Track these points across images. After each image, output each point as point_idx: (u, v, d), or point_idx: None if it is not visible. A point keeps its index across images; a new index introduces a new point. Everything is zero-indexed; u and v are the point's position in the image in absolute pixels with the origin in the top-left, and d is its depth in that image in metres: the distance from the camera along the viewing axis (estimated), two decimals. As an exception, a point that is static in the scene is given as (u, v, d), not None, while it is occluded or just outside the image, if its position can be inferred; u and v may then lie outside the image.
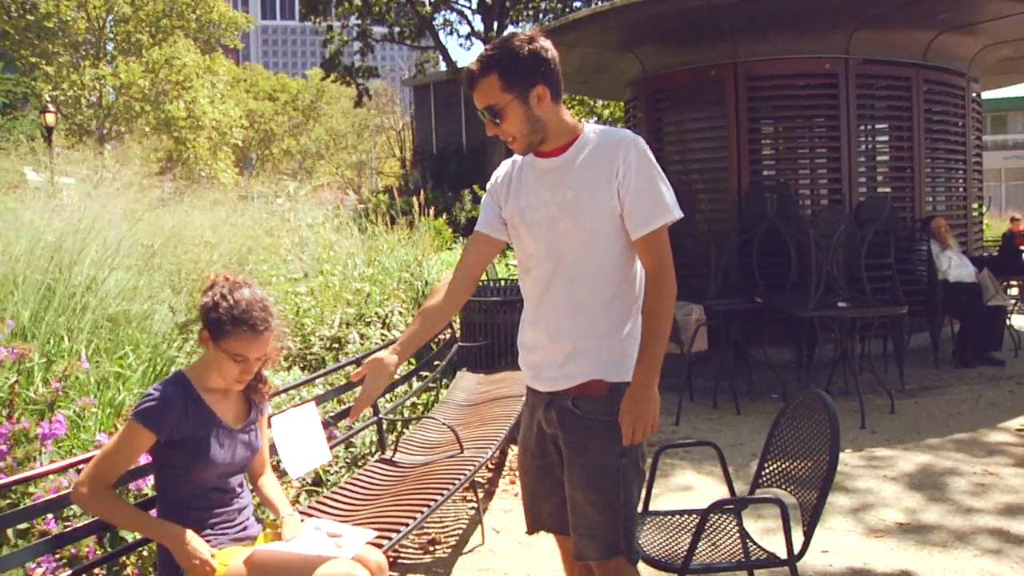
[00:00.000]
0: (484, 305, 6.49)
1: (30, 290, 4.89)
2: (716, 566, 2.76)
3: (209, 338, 2.53)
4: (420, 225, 10.43)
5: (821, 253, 6.86)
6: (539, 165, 2.47)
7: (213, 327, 2.51)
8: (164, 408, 2.45)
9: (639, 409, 2.37)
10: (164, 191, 8.46)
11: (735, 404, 6.47)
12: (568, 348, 2.43)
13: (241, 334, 2.49)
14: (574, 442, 2.44)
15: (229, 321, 2.49)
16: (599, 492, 2.39)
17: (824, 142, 8.24)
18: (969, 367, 7.56)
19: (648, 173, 2.40)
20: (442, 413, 4.95)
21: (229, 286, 2.55)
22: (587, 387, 2.43)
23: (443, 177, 28.23)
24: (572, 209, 2.39)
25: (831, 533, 4.13)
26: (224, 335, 2.50)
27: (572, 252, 2.41)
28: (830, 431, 2.73)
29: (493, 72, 2.34)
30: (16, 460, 3.29)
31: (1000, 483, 4.77)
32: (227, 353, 2.51)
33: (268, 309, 2.56)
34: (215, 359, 2.54)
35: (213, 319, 2.51)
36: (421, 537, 4.17)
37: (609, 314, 2.43)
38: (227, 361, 2.52)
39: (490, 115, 2.37)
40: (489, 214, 2.59)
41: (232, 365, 2.52)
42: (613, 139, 2.43)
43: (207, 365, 2.57)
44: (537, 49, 2.37)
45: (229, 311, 2.50)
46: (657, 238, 2.38)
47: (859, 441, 5.61)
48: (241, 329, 2.49)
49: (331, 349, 6.64)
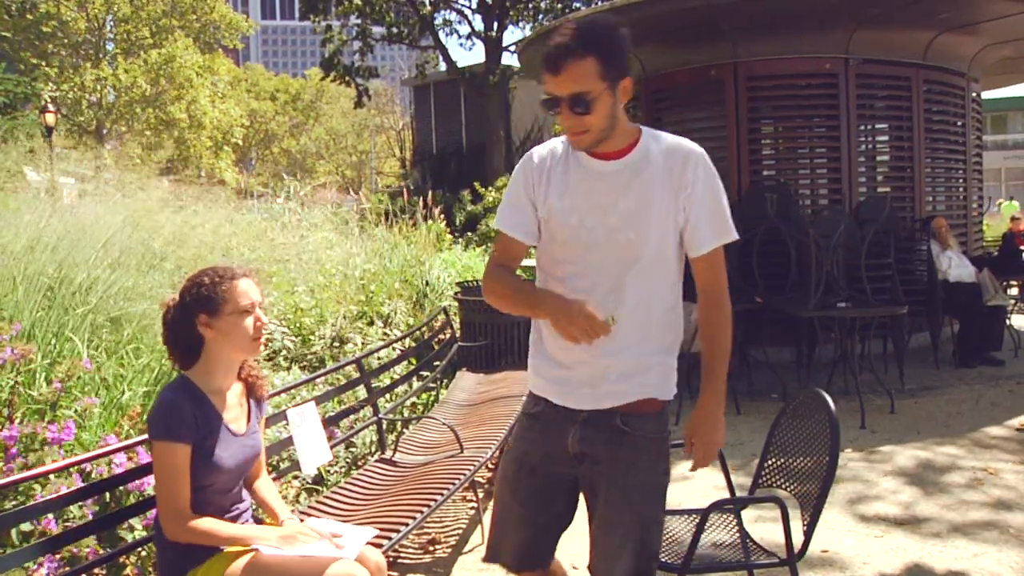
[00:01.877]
0: (484, 305, 6.47)
1: (31, 290, 4.89)
2: (716, 566, 2.77)
3: (209, 318, 2.49)
4: (423, 226, 10.45)
5: (821, 253, 6.87)
6: (593, 166, 2.24)
7: (206, 304, 2.48)
8: (176, 413, 2.42)
9: (712, 436, 2.33)
10: (165, 191, 8.47)
11: (735, 404, 6.47)
12: (623, 365, 2.25)
13: (235, 286, 2.49)
14: (622, 461, 2.27)
15: (219, 284, 2.48)
16: (646, 509, 2.29)
17: (824, 142, 8.23)
18: (969, 367, 7.56)
19: (715, 190, 2.28)
20: (442, 413, 4.95)
21: (190, 277, 2.57)
22: (641, 405, 2.28)
23: (443, 177, 28.22)
24: (637, 221, 2.21)
25: (831, 532, 4.13)
26: (222, 299, 2.48)
27: (635, 266, 2.22)
28: (830, 430, 2.73)
29: (592, 55, 2.07)
30: (27, 466, 3.29)
31: (1000, 482, 4.77)
32: (235, 313, 2.48)
33: (238, 264, 2.59)
34: (224, 338, 2.50)
35: (204, 296, 2.48)
36: (421, 537, 4.17)
37: (668, 331, 2.32)
38: (238, 322, 2.49)
39: (575, 104, 2.10)
40: (524, 216, 2.31)
41: (244, 323, 2.49)
42: (682, 150, 2.29)
43: (210, 365, 2.55)
44: (626, 36, 2.15)
45: (211, 279, 2.50)
46: (718, 257, 2.28)
47: (859, 441, 5.62)
48: (232, 282, 2.49)
49: (331, 348, 6.65)
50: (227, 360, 2.56)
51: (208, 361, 2.55)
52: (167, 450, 2.39)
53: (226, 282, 2.49)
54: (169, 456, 2.39)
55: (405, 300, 8.20)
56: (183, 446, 2.40)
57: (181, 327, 2.53)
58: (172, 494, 2.40)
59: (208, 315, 2.49)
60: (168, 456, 2.39)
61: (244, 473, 2.64)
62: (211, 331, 2.50)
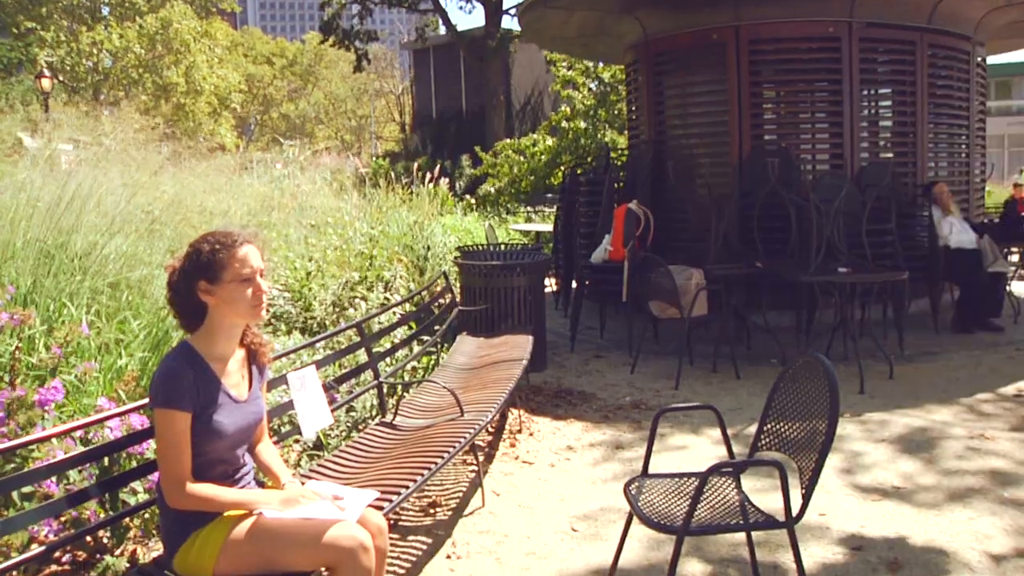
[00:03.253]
0: (484, 269, 6.49)
1: (29, 256, 4.88)
2: (715, 528, 2.79)
3: (209, 285, 2.47)
4: (423, 191, 10.41)
5: (822, 218, 6.85)
6: None
7: (206, 271, 2.47)
8: (177, 380, 2.41)
9: None
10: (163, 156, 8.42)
11: (735, 369, 6.50)
12: None
13: (235, 253, 2.47)
14: None
15: (219, 251, 2.47)
16: None
17: (826, 107, 8.18)
18: (968, 333, 7.57)
19: None
20: (442, 377, 4.96)
21: (192, 242, 2.54)
22: None
23: (443, 141, 28.09)
24: None
25: (829, 496, 4.16)
26: (221, 266, 2.46)
27: None
28: (830, 395, 2.74)
29: None
30: (19, 425, 3.30)
31: (996, 447, 4.80)
32: (234, 281, 2.47)
33: (239, 231, 2.56)
34: (225, 305, 2.49)
35: (204, 263, 2.47)
36: (422, 500, 4.20)
37: None
38: (237, 290, 2.47)
39: None
40: None
41: (243, 291, 2.48)
42: None
43: (212, 331, 2.54)
44: None
45: (211, 246, 2.48)
46: None
47: (858, 406, 5.64)
48: (232, 249, 2.48)
49: (332, 313, 6.65)
50: (229, 326, 2.56)
51: (210, 327, 2.54)
52: (168, 418, 2.39)
53: (226, 249, 2.48)
54: (170, 424, 2.39)
55: (405, 265, 8.19)
56: (184, 414, 2.40)
57: (183, 293, 2.52)
58: (174, 461, 2.40)
59: (208, 282, 2.48)
60: (169, 424, 2.39)
61: (246, 439, 2.64)
62: (212, 298, 2.50)
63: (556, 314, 8.93)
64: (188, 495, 2.40)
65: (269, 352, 2.75)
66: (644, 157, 8.62)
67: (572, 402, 5.96)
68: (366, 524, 2.54)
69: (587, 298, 8.14)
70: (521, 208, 17.03)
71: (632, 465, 4.67)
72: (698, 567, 3.47)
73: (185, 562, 2.46)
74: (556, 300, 9.48)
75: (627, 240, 7.45)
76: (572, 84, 18.19)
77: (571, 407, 5.85)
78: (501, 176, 18.18)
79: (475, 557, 3.64)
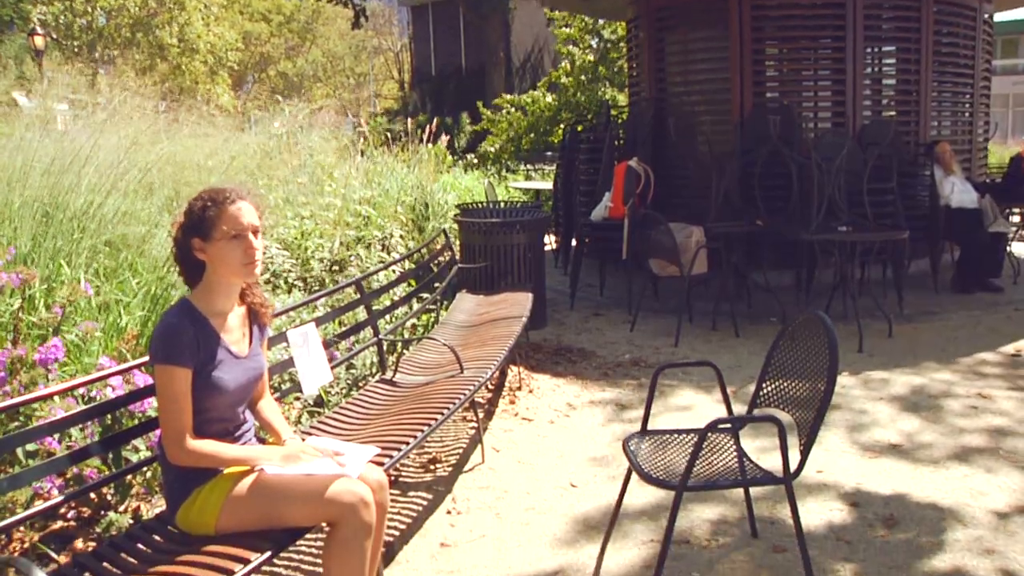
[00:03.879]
0: (484, 227, 6.47)
1: (27, 216, 4.86)
2: (713, 483, 2.81)
3: (202, 243, 2.47)
4: (422, 149, 10.34)
5: (823, 177, 6.81)
6: None
7: (198, 227, 2.47)
8: (177, 337, 2.41)
9: None
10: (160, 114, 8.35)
11: (734, 327, 6.51)
12: None
13: (225, 210, 2.46)
14: None
15: (210, 208, 2.46)
16: None
17: (829, 64, 8.10)
18: (968, 293, 7.57)
19: None
20: (442, 334, 4.97)
21: (189, 200, 2.54)
22: None
23: (442, 99, 27.86)
24: None
25: (827, 453, 4.19)
26: (212, 224, 2.45)
27: None
28: (829, 352, 2.74)
29: None
30: (22, 385, 3.32)
31: (993, 406, 4.82)
32: (224, 239, 2.45)
33: (234, 187, 2.54)
34: (217, 263, 2.49)
35: (196, 220, 2.47)
36: (422, 456, 4.23)
37: None
38: (228, 248, 2.46)
39: None
40: None
41: (234, 249, 2.47)
42: None
43: (210, 288, 2.54)
44: None
45: (203, 203, 2.48)
46: None
47: (857, 365, 5.66)
48: (223, 206, 2.46)
49: (331, 271, 6.65)
50: (225, 284, 2.55)
51: (208, 284, 2.54)
52: (168, 374, 2.39)
53: (216, 206, 2.46)
54: (170, 380, 2.39)
55: (403, 223, 8.17)
56: (184, 370, 2.40)
57: (183, 250, 2.53)
58: (174, 418, 2.40)
59: (201, 239, 2.47)
60: (169, 380, 2.39)
61: (247, 395, 2.65)
62: (205, 255, 2.49)
63: (556, 272, 8.93)
64: (189, 451, 2.41)
65: (271, 311, 2.75)
66: (645, 114, 8.55)
67: (572, 359, 5.98)
68: (366, 480, 2.56)
69: (587, 256, 8.13)
70: (521, 166, 16.95)
71: (631, 422, 4.69)
72: (696, 522, 3.50)
73: (187, 518, 2.48)
74: (556, 258, 9.47)
75: (627, 198, 7.42)
76: (572, 41, 17.99)
77: (571, 364, 5.87)
78: (501, 133, 18.06)
79: (475, 512, 3.67)
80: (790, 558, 3.17)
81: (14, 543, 3.17)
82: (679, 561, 3.19)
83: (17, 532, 3.19)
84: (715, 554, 3.24)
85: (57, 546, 3.16)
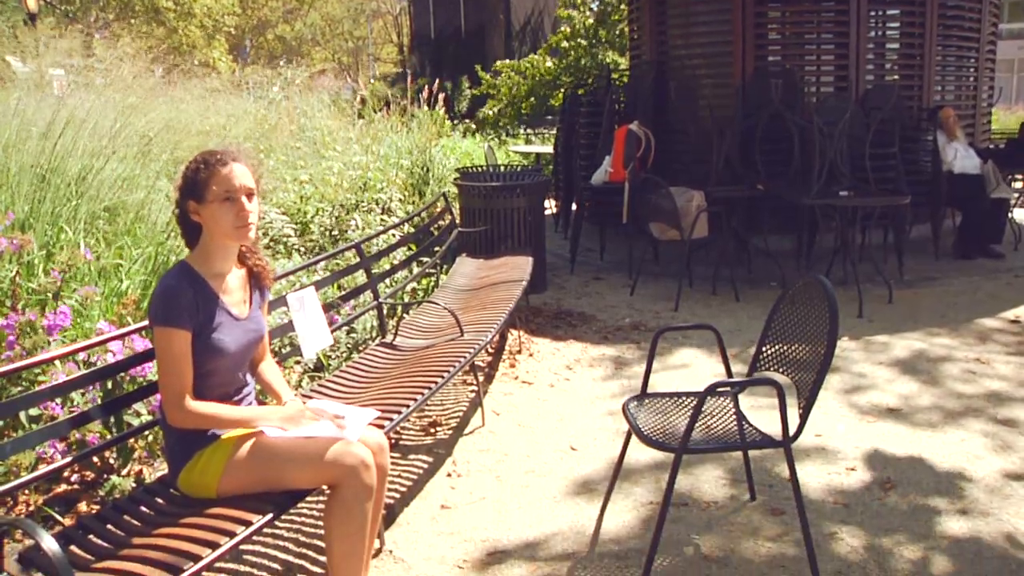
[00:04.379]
0: (484, 191, 6.44)
1: (24, 180, 4.84)
2: (713, 446, 2.82)
3: (196, 205, 2.47)
4: (421, 113, 10.27)
5: (825, 141, 6.77)
6: None
7: (192, 189, 2.46)
8: (176, 299, 2.40)
9: None
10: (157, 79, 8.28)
11: (734, 291, 6.51)
12: None
13: (217, 172, 2.45)
14: None
15: (202, 170, 2.45)
16: None
17: (832, 27, 8.00)
18: (969, 259, 7.56)
19: None
20: (442, 297, 4.97)
21: (186, 162, 2.54)
22: None
23: (441, 63, 27.63)
24: None
25: (826, 417, 4.21)
26: (204, 185, 2.44)
27: None
28: (829, 316, 2.74)
29: None
30: (25, 350, 3.33)
31: (992, 371, 4.84)
32: (216, 201, 2.44)
33: (228, 149, 2.54)
34: (211, 225, 2.48)
35: (189, 183, 2.47)
36: (422, 419, 4.25)
37: None
38: (220, 210, 2.45)
39: None
40: None
41: (227, 211, 2.45)
42: None
43: (206, 250, 2.53)
44: None
45: (195, 165, 2.47)
46: None
47: (856, 329, 5.66)
48: (214, 168, 2.45)
49: (331, 236, 6.63)
50: (221, 246, 2.54)
51: (204, 246, 2.54)
52: (167, 336, 2.38)
53: (208, 168, 2.45)
54: (170, 342, 2.39)
55: (402, 187, 8.14)
56: (183, 332, 2.40)
57: (181, 212, 2.53)
58: (174, 380, 2.40)
59: (195, 202, 2.47)
60: (169, 342, 2.39)
61: (247, 357, 2.65)
62: (199, 218, 2.49)
63: (556, 236, 8.91)
64: (189, 413, 2.42)
65: (271, 274, 2.74)
66: (645, 78, 8.48)
67: (572, 323, 5.99)
68: (367, 443, 2.57)
69: (587, 220, 8.11)
70: (521, 130, 16.85)
71: (631, 385, 4.71)
72: (696, 485, 3.53)
73: (189, 481, 2.50)
74: (556, 222, 9.45)
75: (628, 161, 7.39)
76: (573, 5, 17.80)
77: (571, 328, 5.88)
78: (501, 97, 17.92)
79: (475, 475, 3.70)
80: (788, 520, 3.20)
81: (19, 506, 3.20)
82: (678, 523, 3.22)
83: (22, 495, 3.22)
84: (714, 516, 3.27)
85: (61, 509, 3.19)
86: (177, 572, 2.08)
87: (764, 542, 3.07)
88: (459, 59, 27.07)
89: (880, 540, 3.06)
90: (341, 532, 2.44)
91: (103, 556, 2.23)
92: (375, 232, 5.48)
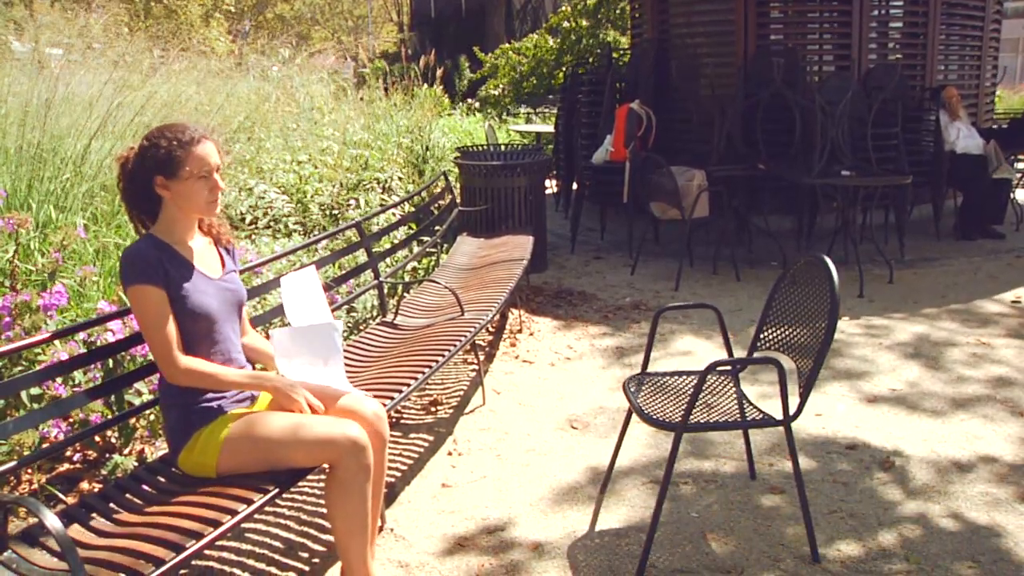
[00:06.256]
0: (484, 170, 6.42)
1: (22, 160, 4.82)
2: (713, 425, 2.82)
3: (166, 180, 2.47)
4: (420, 92, 10.22)
5: (827, 120, 6.74)
6: None
7: (164, 166, 2.45)
8: (143, 259, 2.42)
9: None
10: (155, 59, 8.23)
11: (735, 271, 6.50)
12: None
13: (193, 152, 2.46)
14: None
15: (177, 148, 2.45)
16: None
17: (835, 5, 7.94)
18: (970, 240, 7.55)
19: None
20: (443, 276, 4.96)
21: (148, 135, 2.51)
22: None
23: (441, 42, 27.46)
24: None
25: (825, 397, 4.21)
26: (179, 163, 2.45)
27: None
28: (830, 295, 2.73)
29: None
30: (24, 330, 3.33)
31: (992, 353, 4.84)
32: (192, 177, 2.46)
33: (194, 125, 2.54)
34: (181, 200, 2.49)
35: (162, 158, 2.45)
36: (423, 398, 4.26)
37: None
38: (195, 186, 2.48)
39: None
40: None
41: (201, 187, 2.49)
42: None
43: (170, 222, 2.54)
44: None
45: (169, 141, 2.46)
46: None
47: (857, 310, 5.66)
48: (190, 147, 2.46)
49: (330, 215, 6.62)
50: (184, 219, 2.57)
51: (166, 219, 2.55)
52: (142, 294, 2.41)
53: (184, 147, 2.46)
54: (145, 299, 2.41)
55: (402, 166, 8.11)
56: (156, 288, 2.42)
57: (139, 185, 2.52)
58: (159, 338, 2.42)
59: (165, 177, 2.47)
60: (144, 299, 2.41)
61: (231, 318, 2.65)
62: (168, 192, 2.50)
63: (557, 215, 8.89)
64: (183, 370, 2.44)
65: (227, 231, 2.77)
66: (647, 56, 8.42)
67: (572, 302, 5.99)
68: (363, 411, 2.59)
69: (588, 199, 8.09)
70: (521, 109, 16.76)
71: (631, 364, 4.72)
72: (696, 464, 3.54)
73: (189, 460, 2.50)
74: (557, 201, 9.43)
75: (629, 140, 7.36)
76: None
77: (571, 307, 5.88)
78: (501, 77, 17.83)
79: (476, 454, 3.71)
80: (787, 499, 3.21)
81: (23, 484, 3.21)
82: (677, 501, 3.23)
83: (25, 474, 3.23)
84: (713, 495, 3.28)
85: (64, 488, 3.20)
86: (180, 550, 2.09)
87: (764, 520, 3.08)
88: (459, 38, 26.88)
89: (879, 519, 3.07)
90: (342, 511, 2.46)
91: (106, 534, 2.25)
92: (376, 211, 5.46)
